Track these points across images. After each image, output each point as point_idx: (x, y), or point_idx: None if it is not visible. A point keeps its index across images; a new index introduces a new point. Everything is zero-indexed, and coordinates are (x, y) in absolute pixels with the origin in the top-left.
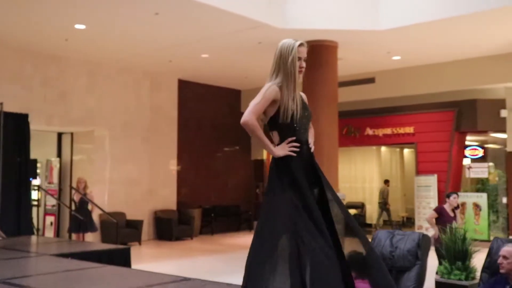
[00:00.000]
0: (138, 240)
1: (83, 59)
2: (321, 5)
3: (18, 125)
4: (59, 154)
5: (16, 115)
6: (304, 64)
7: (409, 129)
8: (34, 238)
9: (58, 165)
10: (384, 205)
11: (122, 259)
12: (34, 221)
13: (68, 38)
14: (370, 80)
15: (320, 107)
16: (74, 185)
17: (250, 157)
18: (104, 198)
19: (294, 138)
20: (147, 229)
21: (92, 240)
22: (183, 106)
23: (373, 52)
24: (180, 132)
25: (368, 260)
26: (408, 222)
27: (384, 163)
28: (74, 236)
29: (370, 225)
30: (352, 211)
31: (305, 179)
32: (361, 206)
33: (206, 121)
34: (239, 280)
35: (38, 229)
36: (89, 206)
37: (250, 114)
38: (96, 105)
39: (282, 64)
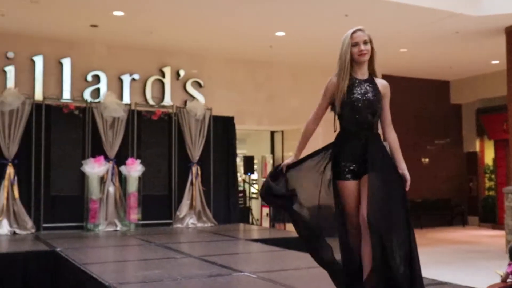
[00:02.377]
0: None
1: (286, 63)
2: None
3: (225, 126)
4: (272, 151)
5: (223, 117)
6: (363, 47)
7: None
8: (241, 226)
9: (271, 161)
10: None
11: None
12: (254, 212)
13: (272, 45)
14: None
15: None
16: None
17: (462, 150)
18: None
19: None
20: None
21: None
22: None
23: None
24: None
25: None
26: None
27: None
28: (277, 225)
29: None
30: None
31: (346, 168)
32: None
33: (412, 115)
34: (431, 272)
35: (257, 220)
36: None
37: (309, 119)
38: (299, 105)
39: (340, 54)
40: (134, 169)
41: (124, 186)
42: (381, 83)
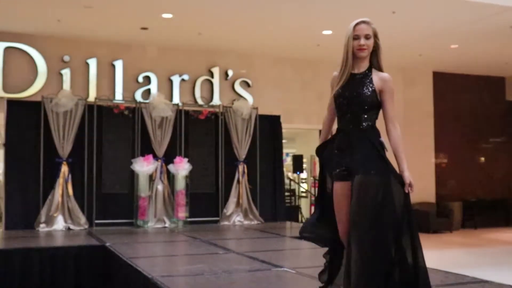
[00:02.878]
0: None
1: (334, 61)
2: None
3: (272, 125)
4: None
5: (270, 116)
6: (363, 42)
7: None
8: (287, 223)
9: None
10: None
11: None
12: (303, 211)
13: (319, 44)
14: None
15: None
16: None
17: None
18: None
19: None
20: None
21: None
22: (439, 98)
23: None
24: (436, 125)
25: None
26: None
27: None
28: None
29: None
30: None
31: (328, 168)
32: None
33: (466, 112)
34: (477, 273)
35: (306, 218)
36: None
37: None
38: None
39: (344, 47)
40: (182, 167)
41: (172, 184)
42: (379, 76)
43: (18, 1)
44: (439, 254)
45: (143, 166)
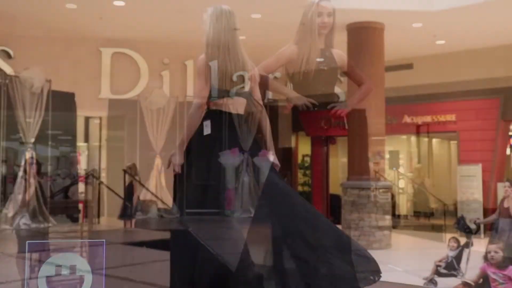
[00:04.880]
0: None
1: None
2: None
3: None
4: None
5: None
6: (327, 19)
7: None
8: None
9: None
10: None
11: None
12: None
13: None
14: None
15: None
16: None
17: None
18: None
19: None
20: None
21: None
22: None
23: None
24: None
25: None
26: None
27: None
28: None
29: None
30: None
31: None
32: None
33: None
34: None
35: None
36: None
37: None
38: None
39: (303, 22)
40: (266, 160)
41: (258, 176)
42: (336, 53)
43: (122, 10)
44: None
45: (230, 159)
